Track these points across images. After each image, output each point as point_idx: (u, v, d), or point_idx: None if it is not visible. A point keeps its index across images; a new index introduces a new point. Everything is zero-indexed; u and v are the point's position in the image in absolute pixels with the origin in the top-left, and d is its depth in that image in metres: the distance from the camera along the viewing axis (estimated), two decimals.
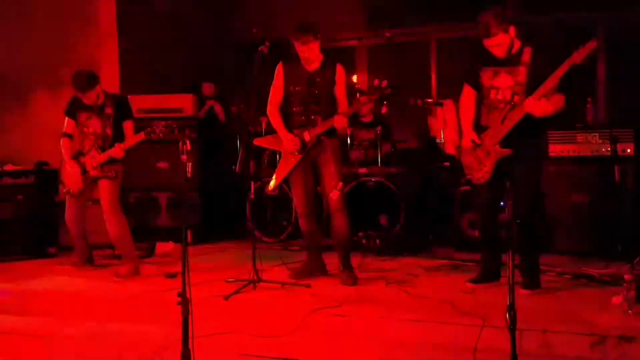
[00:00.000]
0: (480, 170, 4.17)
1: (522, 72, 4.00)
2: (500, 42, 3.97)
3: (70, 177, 5.18)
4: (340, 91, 4.62)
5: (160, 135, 4.88)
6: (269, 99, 4.75)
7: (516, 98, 4.01)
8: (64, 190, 5.26)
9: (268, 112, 4.76)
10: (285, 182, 4.95)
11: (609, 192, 5.01)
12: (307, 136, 4.57)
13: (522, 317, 2.94)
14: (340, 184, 4.58)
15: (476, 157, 4.18)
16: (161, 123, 4.91)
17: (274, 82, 4.74)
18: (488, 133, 4.13)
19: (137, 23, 6.95)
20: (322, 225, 5.25)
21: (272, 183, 4.81)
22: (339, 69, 4.62)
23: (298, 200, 4.77)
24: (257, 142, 4.97)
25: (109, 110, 5.08)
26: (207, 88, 7.14)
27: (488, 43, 4.00)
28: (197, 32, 7.52)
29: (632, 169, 5.08)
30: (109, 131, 5.08)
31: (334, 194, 4.55)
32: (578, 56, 3.77)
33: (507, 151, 4.05)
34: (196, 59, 7.44)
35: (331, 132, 4.61)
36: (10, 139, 6.87)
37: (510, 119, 4.01)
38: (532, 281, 4.13)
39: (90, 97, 5.05)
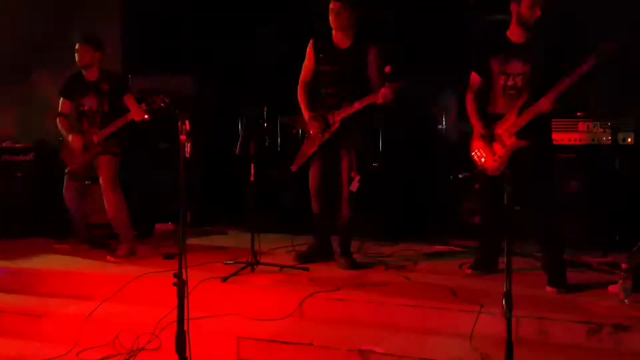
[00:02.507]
0: (494, 162, 4.08)
1: (536, 60, 3.93)
2: (539, 3, 3.86)
3: (71, 154, 5.16)
4: (373, 73, 4.47)
5: (162, 104, 4.82)
6: (300, 76, 4.66)
7: (533, 87, 3.93)
8: (66, 170, 5.24)
9: (298, 90, 4.66)
10: (307, 163, 4.75)
11: (609, 181, 5.00)
12: (331, 119, 4.49)
13: (519, 303, 2.94)
14: (358, 176, 4.50)
15: (490, 148, 4.10)
16: (160, 96, 4.86)
17: (305, 60, 4.64)
18: (503, 124, 4.04)
19: (141, 2, 6.89)
20: (332, 210, 5.20)
21: (295, 163, 4.72)
22: (372, 51, 4.46)
23: (314, 181, 4.70)
24: (288, 121, 4.86)
25: (104, 87, 5.06)
26: None
27: (529, 2, 3.86)
28: (202, 10, 7.44)
29: (632, 158, 5.07)
30: (105, 107, 5.06)
31: (353, 185, 4.49)
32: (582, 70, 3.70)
33: (524, 143, 3.96)
34: (200, 38, 7.36)
35: (361, 117, 4.47)
36: (9, 117, 6.84)
37: (527, 114, 3.92)
38: (557, 277, 3.95)
39: (84, 55, 5.01)
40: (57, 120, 5.23)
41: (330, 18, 4.44)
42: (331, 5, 4.42)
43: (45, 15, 6.75)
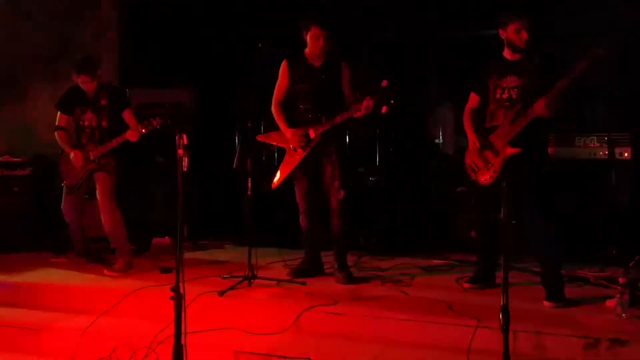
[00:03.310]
0: (487, 171, 4.12)
1: (531, 74, 3.99)
2: (526, 26, 3.97)
3: (70, 169, 5.16)
4: (346, 88, 4.59)
5: (157, 126, 4.86)
6: (273, 96, 4.73)
7: (527, 100, 3.96)
8: (63, 184, 5.25)
9: (272, 110, 4.73)
10: (288, 179, 4.84)
11: (606, 196, 5.02)
12: (312, 133, 4.55)
13: (516, 318, 2.94)
14: (337, 182, 4.55)
15: (483, 158, 4.15)
16: (156, 117, 4.90)
17: (278, 79, 4.72)
18: (496, 133, 4.09)
19: (138, 15, 6.93)
20: (322, 224, 5.23)
21: (276, 179, 4.76)
22: (344, 66, 4.60)
23: (300, 197, 4.76)
24: (260, 138, 4.90)
25: (103, 102, 5.07)
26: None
27: (514, 27, 3.98)
28: (200, 24, 7.48)
29: (629, 172, 5.09)
30: (104, 124, 5.07)
31: (340, 194, 4.54)
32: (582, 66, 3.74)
33: (517, 150, 3.99)
34: (197, 52, 7.40)
35: (338, 131, 4.58)
36: (8, 131, 6.85)
37: (521, 120, 3.96)
38: (555, 292, 3.95)
39: (89, 84, 5.03)
40: (56, 133, 5.23)
41: (312, 44, 4.54)
42: (314, 32, 4.50)
43: (44, 29, 6.79)
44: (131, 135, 4.95)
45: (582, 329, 3.44)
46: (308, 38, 4.55)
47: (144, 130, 4.91)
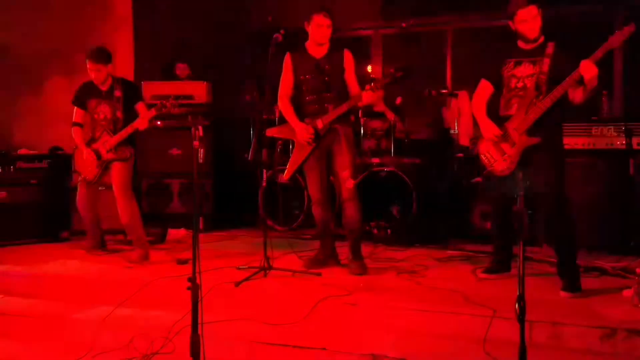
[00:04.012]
0: (504, 162, 4.07)
1: (545, 63, 3.95)
2: (535, 15, 3.93)
3: (85, 164, 5.21)
4: (350, 76, 4.61)
5: (171, 109, 4.90)
6: (279, 90, 4.75)
7: (542, 88, 3.93)
8: (80, 178, 5.29)
9: (279, 103, 4.76)
10: (298, 171, 4.89)
11: (623, 186, 4.98)
12: (320, 124, 4.57)
13: (532, 308, 2.93)
14: (346, 172, 4.55)
15: (499, 148, 4.10)
16: (170, 100, 4.93)
17: (282, 73, 4.74)
18: (512, 123, 4.04)
19: (153, 9, 6.96)
20: (335, 214, 5.25)
21: (287, 172, 4.79)
22: (347, 54, 4.61)
23: (312, 188, 4.77)
24: (269, 132, 4.93)
25: (117, 94, 5.11)
26: (181, 69, 6.90)
27: (522, 16, 3.95)
28: (213, 19, 7.51)
29: None
30: (119, 114, 5.11)
31: (349, 182, 4.55)
32: (616, 40, 3.70)
33: (535, 140, 3.95)
34: (211, 46, 7.43)
35: (345, 120, 4.61)
36: (25, 124, 6.93)
37: (538, 107, 3.92)
38: (571, 282, 3.93)
39: (98, 72, 5.06)
40: (72, 129, 5.28)
41: (315, 32, 4.56)
42: (317, 20, 4.53)
43: (60, 24, 6.83)
44: (140, 124, 4.98)
45: (599, 319, 3.42)
46: (310, 28, 4.57)
47: (154, 112, 4.94)
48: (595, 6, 6.54)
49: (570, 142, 5.25)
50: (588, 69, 3.74)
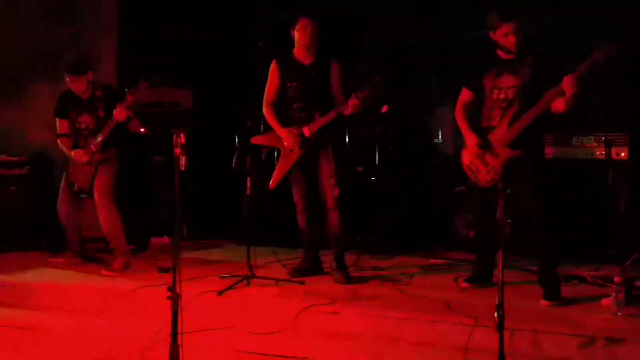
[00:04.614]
0: (488, 174, 4.10)
1: (526, 74, 3.98)
2: (517, 29, 3.96)
3: (79, 172, 5.13)
4: (336, 86, 4.62)
5: (145, 92, 4.85)
6: (264, 97, 4.75)
7: (523, 100, 3.96)
8: (75, 188, 5.19)
9: (264, 110, 4.75)
10: (284, 179, 4.85)
11: (603, 196, 5.03)
12: (307, 132, 4.56)
13: (513, 316, 2.95)
14: (333, 180, 4.56)
15: (482, 159, 4.13)
16: (141, 82, 4.89)
17: (268, 80, 4.74)
18: (495, 135, 4.06)
19: (138, 17, 6.93)
20: (320, 223, 5.24)
21: (273, 180, 4.77)
22: (334, 64, 4.62)
23: (298, 196, 4.76)
24: (254, 140, 4.91)
25: (98, 103, 5.06)
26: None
27: (505, 30, 3.98)
28: (199, 26, 7.49)
29: (625, 172, 5.09)
30: (102, 122, 5.03)
31: (335, 191, 4.55)
32: (601, 55, 3.70)
33: (517, 152, 3.99)
34: (198, 52, 7.40)
35: (331, 128, 4.59)
36: (5, 130, 6.85)
37: (522, 121, 3.94)
38: (551, 291, 3.97)
39: (77, 83, 5.02)
40: (59, 141, 5.22)
41: (301, 35, 4.56)
42: (302, 23, 4.54)
43: (43, 29, 6.78)
44: (118, 114, 4.89)
45: (578, 328, 3.45)
46: (296, 32, 4.57)
47: (129, 98, 4.86)
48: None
49: (550, 151, 5.29)
50: (571, 85, 3.77)
